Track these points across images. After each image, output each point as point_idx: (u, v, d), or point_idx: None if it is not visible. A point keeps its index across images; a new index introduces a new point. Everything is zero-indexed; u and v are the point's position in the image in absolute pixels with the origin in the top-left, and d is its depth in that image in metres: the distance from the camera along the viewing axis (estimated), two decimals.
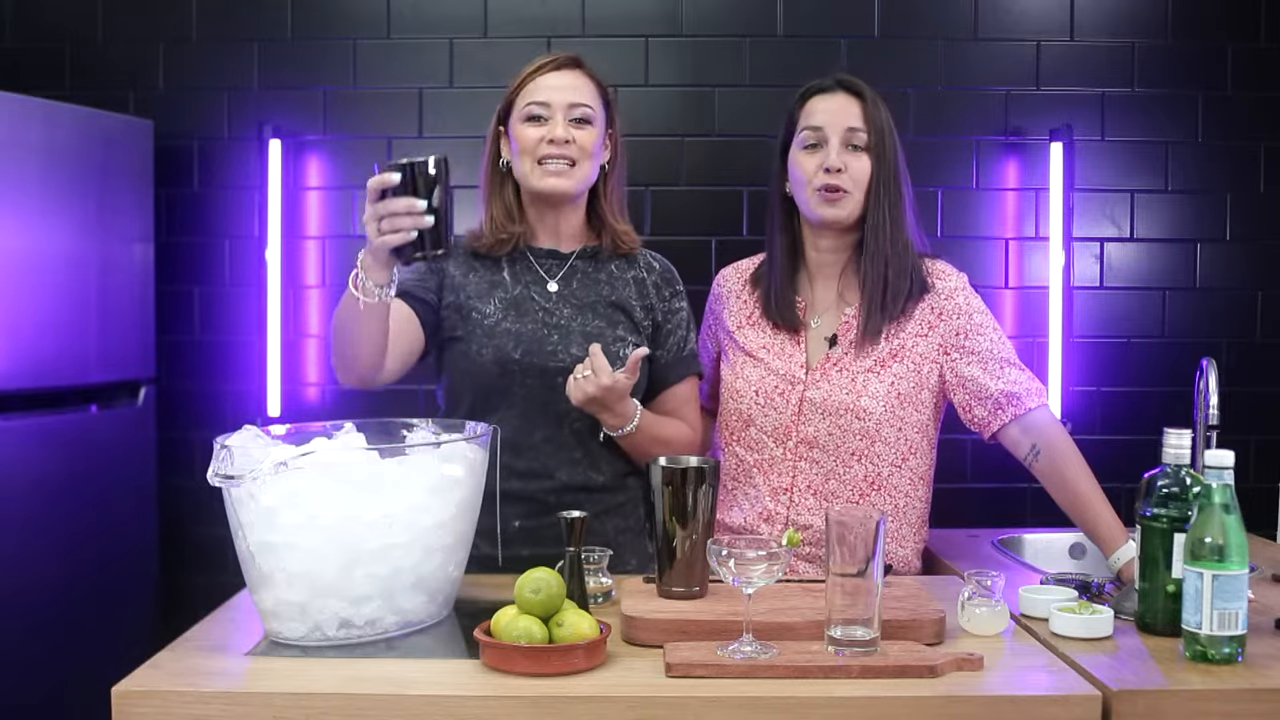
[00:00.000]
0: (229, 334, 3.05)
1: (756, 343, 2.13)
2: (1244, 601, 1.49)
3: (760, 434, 2.08)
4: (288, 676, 1.45)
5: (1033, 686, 1.44)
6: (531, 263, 2.07)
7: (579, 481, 2.01)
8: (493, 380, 1.99)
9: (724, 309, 2.21)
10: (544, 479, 1.99)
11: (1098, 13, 3.01)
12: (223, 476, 1.51)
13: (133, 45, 3.03)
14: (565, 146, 1.98)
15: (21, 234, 2.56)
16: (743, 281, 2.21)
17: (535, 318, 2.02)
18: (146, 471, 2.91)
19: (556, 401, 1.96)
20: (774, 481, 2.07)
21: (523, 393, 1.99)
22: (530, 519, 1.97)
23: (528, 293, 2.04)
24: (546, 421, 1.99)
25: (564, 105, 1.99)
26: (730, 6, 3.01)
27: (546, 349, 1.99)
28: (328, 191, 3.04)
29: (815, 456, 2.05)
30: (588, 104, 2.01)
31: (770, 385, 2.08)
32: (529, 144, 1.99)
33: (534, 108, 2.00)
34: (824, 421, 2.04)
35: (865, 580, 1.47)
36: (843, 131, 2.03)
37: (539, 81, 2.02)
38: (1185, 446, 1.65)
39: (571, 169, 1.99)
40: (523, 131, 2.01)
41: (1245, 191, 3.02)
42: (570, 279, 2.07)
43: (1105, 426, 2.99)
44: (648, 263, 2.13)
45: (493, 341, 1.99)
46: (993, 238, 3.02)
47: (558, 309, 2.03)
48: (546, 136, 1.98)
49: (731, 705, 1.38)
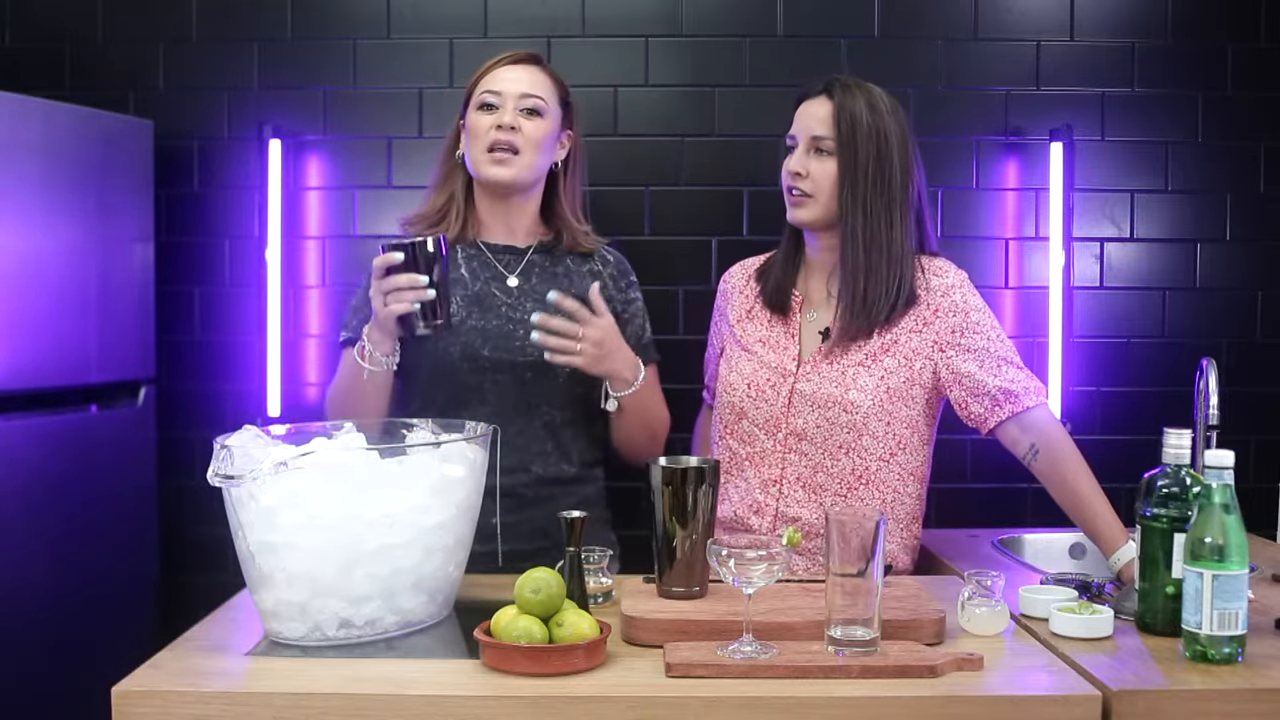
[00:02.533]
0: (229, 334, 3.05)
1: (753, 336, 2.16)
2: (1244, 601, 1.49)
3: (752, 426, 2.10)
4: (288, 676, 1.45)
5: (1033, 686, 1.44)
6: (489, 258, 2.11)
7: (552, 474, 2.06)
8: (464, 377, 2.03)
9: (728, 304, 2.24)
10: (519, 473, 2.02)
11: (1098, 13, 3.01)
12: (223, 476, 1.51)
13: (133, 45, 3.03)
14: (511, 134, 2.03)
15: (21, 234, 2.56)
16: (747, 276, 2.25)
17: (499, 313, 2.06)
18: (146, 471, 2.91)
19: (526, 395, 2.03)
20: (764, 474, 2.09)
21: (494, 389, 2.03)
22: (509, 514, 1.98)
23: (488, 288, 2.08)
24: (518, 415, 2.03)
25: (515, 95, 2.06)
26: (730, 6, 3.01)
27: (514, 344, 2.03)
28: (328, 191, 3.04)
29: (804, 449, 2.06)
30: (540, 96, 2.08)
31: (762, 378, 2.10)
32: (480, 131, 2.05)
33: (487, 96, 2.07)
34: (813, 414, 2.05)
35: (865, 580, 1.47)
36: (808, 136, 2.07)
37: (496, 73, 2.09)
38: (1185, 446, 1.65)
39: (515, 157, 2.04)
40: (475, 119, 2.07)
41: (1245, 191, 3.02)
42: (529, 274, 2.11)
43: (1105, 426, 2.99)
44: (602, 257, 2.19)
45: (460, 339, 2.02)
46: (993, 238, 3.02)
47: (520, 304, 2.07)
48: (494, 123, 2.04)
49: (731, 705, 1.38)
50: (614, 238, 2.19)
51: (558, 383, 2.05)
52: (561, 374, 2.03)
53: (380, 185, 3.03)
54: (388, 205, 3.03)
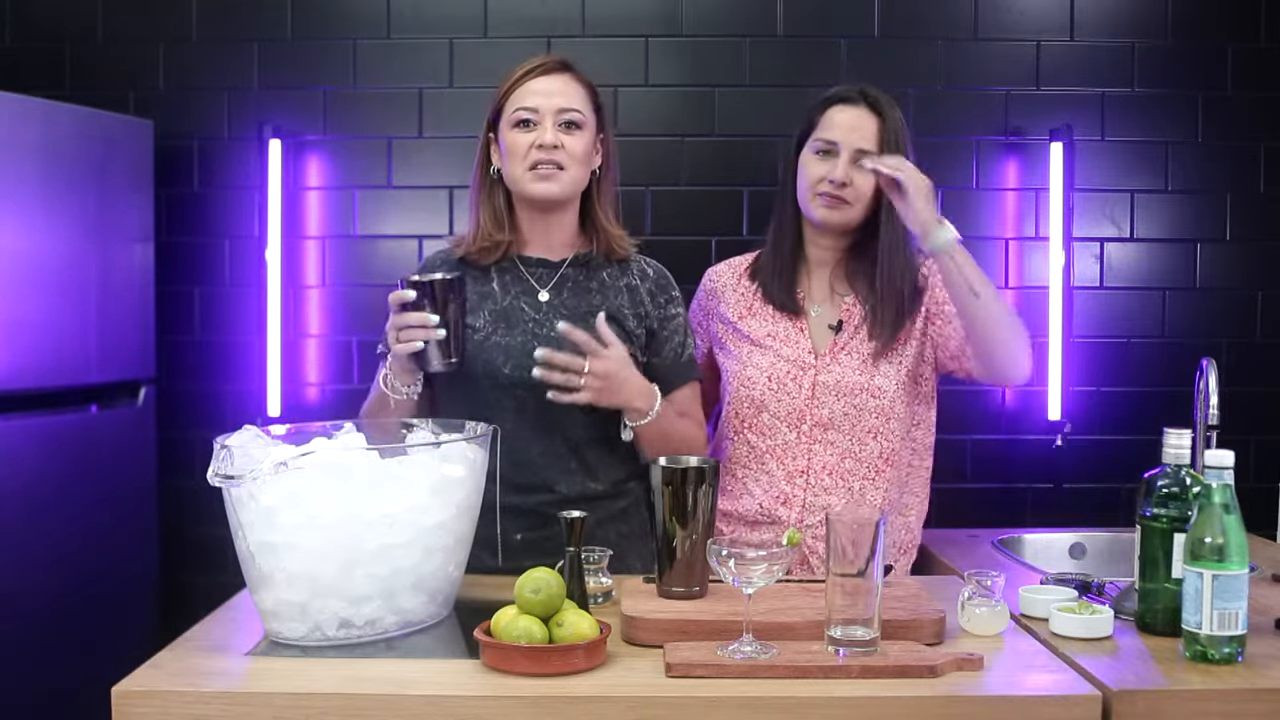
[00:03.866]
0: (229, 334, 3.05)
1: (761, 330, 2.18)
2: (1244, 601, 1.49)
3: (773, 419, 2.12)
4: (288, 676, 1.45)
5: (1033, 686, 1.44)
6: (521, 272, 2.06)
7: (577, 492, 1.99)
8: (484, 395, 1.98)
9: (719, 302, 2.25)
10: (543, 492, 1.98)
11: (1098, 13, 3.01)
12: (223, 476, 1.51)
13: (133, 45, 3.03)
14: (554, 152, 1.96)
15: (21, 234, 2.56)
16: (738, 275, 2.27)
17: (524, 329, 2.00)
18: (146, 471, 2.91)
19: (549, 413, 1.95)
20: (789, 465, 2.12)
21: (514, 405, 1.97)
22: (532, 531, 1.96)
23: (517, 304, 2.03)
24: (540, 434, 1.98)
25: (553, 110, 1.98)
26: (730, 6, 3.01)
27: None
28: (328, 191, 3.04)
29: (830, 438, 2.10)
30: (577, 109, 2.00)
31: (782, 370, 2.13)
32: (519, 150, 1.98)
33: (523, 113, 1.99)
34: (839, 402, 2.10)
35: (865, 580, 1.47)
36: (853, 149, 2.10)
37: (528, 86, 2.00)
38: (1185, 446, 1.65)
39: (561, 173, 1.98)
40: (513, 138, 1.99)
41: (1245, 191, 3.02)
42: (561, 288, 2.05)
43: (1105, 426, 2.99)
44: (641, 270, 2.11)
45: (482, 356, 1.98)
46: (993, 238, 3.02)
47: (547, 319, 2.01)
48: (536, 142, 1.97)
49: (731, 705, 1.38)
50: (642, 237, 2.13)
51: None
52: None
53: (380, 185, 3.04)
54: (388, 205, 3.03)
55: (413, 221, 3.04)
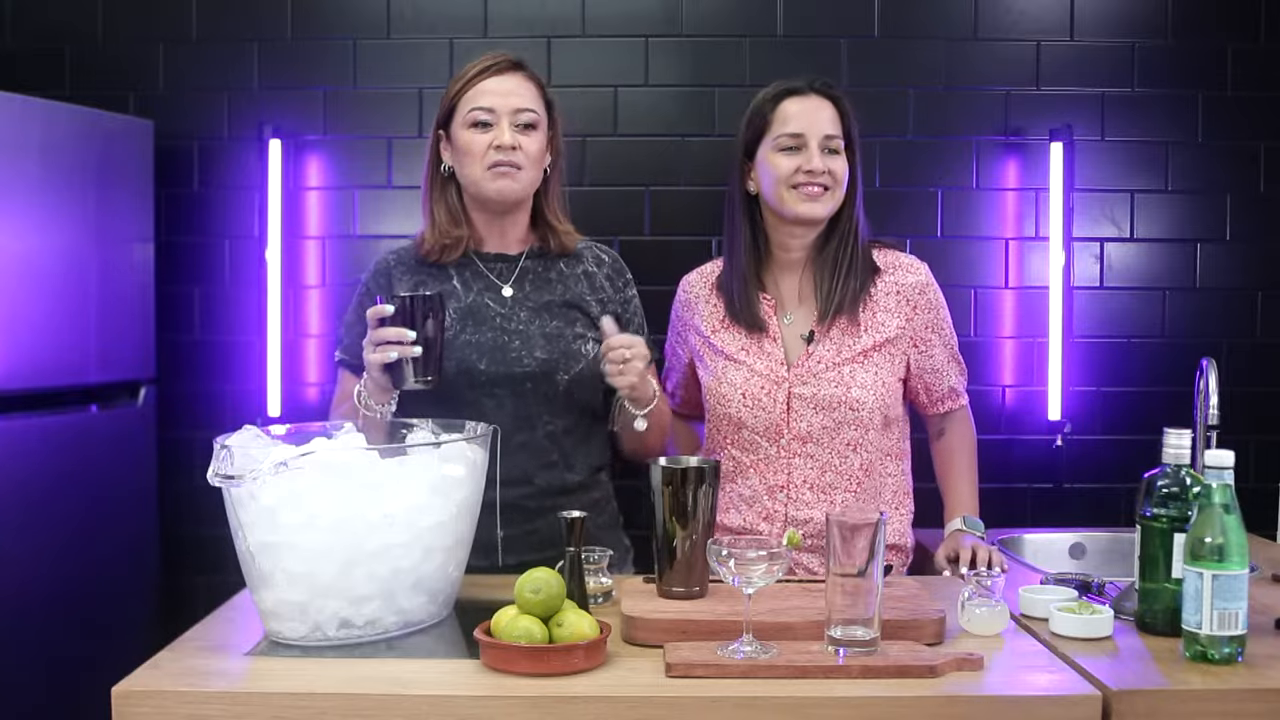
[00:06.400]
0: (229, 334, 3.05)
1: (734, 345, 2.15)
2: (1244, 601, 1.49)
3: (752, 434, 2.11)
4: (288, 676, 1.45)
5: (1033, 686, 1.44)
6: (480, 268, 2.07)
7: (556, 484, 2.01)
8: (460, 393, 1.98)
9: (694, 314, 2.23)
10: (523, 485, 1.99)
11: (1098, 13, 3.01)
12: (223, 476, 1.51)
13: (133, 45, 3.03)
14: (512, 153, 1.98)
15: (21, 234, 2.56)
16: (708, 286, 2.24)
17: (493, 324, 2.01)
18: (146, 471, 2.91)
19: (526, 407, 1.98)
20: (770, 479, 2.10)
21: (492, 403, 1.98)
22: (512, 527, 1.97)
23: (481, 299, 2.04)
24: (519, 428, 1.99)
25: (509, 111, 2.00)
26: (730, 6, 3.01)
27: (510, 356, 1.99)
28: (328, 191, 3.04)
29: (810, 451, 2.08)
30: (532, 109, 2.02)
31: (756, 386, 2.10)
32: (476, 150, 1.99)
33: (479, 113, 2.00)
34: (817, 416, 2.07)
35: (865, 580, 1.47)
36: (820, 135, 2.09)
37: (481, 86, 2.01)
38: (1185, 446, 1.65)
39: (519, 173, 2.00)
40: (469, 138, 2.00)
41: (1245, 191, 3.02)
42: (523, 281, 2.07)
43: (1105, 426, 2.99)
44: (596, 256, 2.14)
45: (454, 354, 1.97)
46: (993, 238, 3.01)
47: (514, 314, 2.03)
48: (494, 142, 1.98)
49: (731, 705, 1.38)
50: (612, 238, 2.16)
51: (557, 391, 2.01)
52: (561, 382, 2.00)
53: (380, 185, 3.03)
54: (387, 205, 3.03)
55: (413, 221, 3.01)
